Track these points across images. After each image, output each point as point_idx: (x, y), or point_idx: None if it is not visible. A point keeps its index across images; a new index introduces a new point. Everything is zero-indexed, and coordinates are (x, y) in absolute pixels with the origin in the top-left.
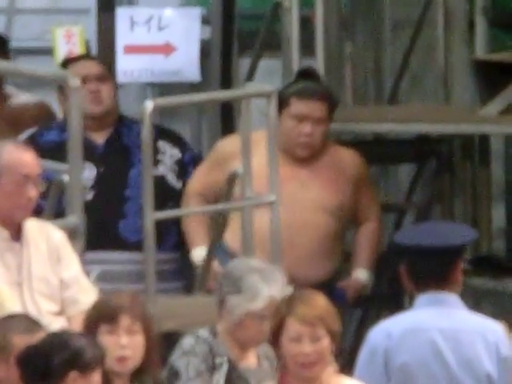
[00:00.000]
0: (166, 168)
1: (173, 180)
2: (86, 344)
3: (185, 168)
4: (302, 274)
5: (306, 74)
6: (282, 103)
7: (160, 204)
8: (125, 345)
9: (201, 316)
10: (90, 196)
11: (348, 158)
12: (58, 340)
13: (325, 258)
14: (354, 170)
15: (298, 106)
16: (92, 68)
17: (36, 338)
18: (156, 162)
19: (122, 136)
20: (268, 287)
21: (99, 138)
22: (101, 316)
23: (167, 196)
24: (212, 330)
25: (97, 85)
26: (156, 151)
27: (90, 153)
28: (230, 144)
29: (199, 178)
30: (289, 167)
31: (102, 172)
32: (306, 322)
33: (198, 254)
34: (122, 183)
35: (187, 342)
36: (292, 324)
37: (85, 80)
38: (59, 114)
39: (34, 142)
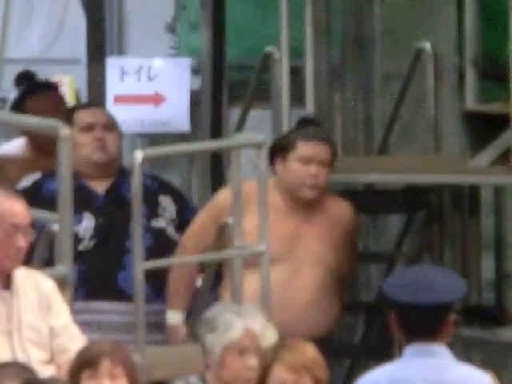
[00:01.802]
0: (166, 221)
1: (172, 232)
2: None
3: (185, 224)
4: (302, 329)
5: (309, 121)
6: (288, 147)
7: (159, 256)
8: None
9: (191, 365)
10: (90, 246)
11: (344, 211)
12: None
13: (323, 313)
14: (349, 224)
15: (304, 149)
16: (99, 116)
17: None
18: (156, 215)
19: (122, 187)
20: (242, 319)
21: (99, 188)
22: (83, 362)
23: (167, 248)
24: (202, 378)
25: (102, 133)
26: (157, 204)
27: (90, 203)
28: (228, 197)
29: (195, 232)
30: (288, 220)
31: (102, 223)
32: (292, 369)
33: (172, 317)
34: (122, 235)
35: None
36: (277, 371)
37: (91, 127)
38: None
39: (37, 190)
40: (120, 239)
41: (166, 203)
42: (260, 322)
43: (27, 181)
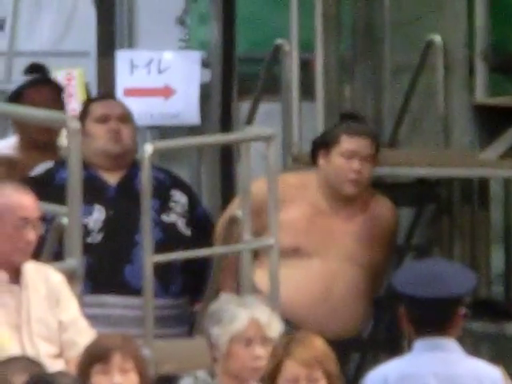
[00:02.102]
0: (177, 215)
1: (182, 227)
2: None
3: (196, 221)
4: (333, 327)
5: (351, 116)
6: (332, 141)
7: (169, 250)
8: (118, 383)
9: (199, 359)
10: (98, 238)
11: (387, 211)
12: (44, 380)
13: (354, 313)
14: (390, 225)
15: (348, 144)
16: (115, 108)
17: None
18: (168, 209)
19: (135, 179)
20: (247, 310)
21: (111, 179)
22: (93, 357)
23: (177, 243)
24: (210, 372)
25: (118, 124)
26: (169, 198)
27: (102, 194)
28: (258, 190)
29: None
30: (327, 218)
31: (112, 215)
32: (303, 364)
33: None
34: (131, 228)
35: (186, 382)
36: (289, 365)
37: (106, 119)
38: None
39: (49, 178)
40: (129, 232)
41: (178, 197)
42: (265, 313)
43: (40, 168)
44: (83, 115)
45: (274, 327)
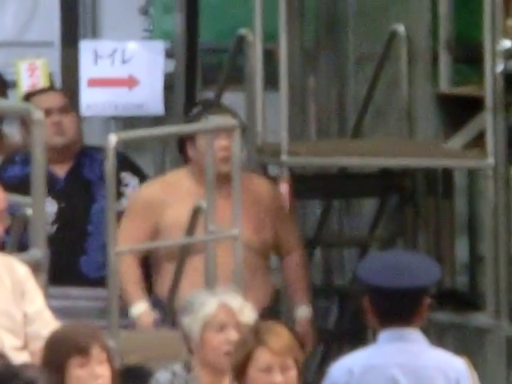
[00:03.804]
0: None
1: None
2: (38, 376)
3: None
4: None
5: (207, 102)
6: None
7: None
8: (99, 375)
9: (164, 349)
10: (52, 230)
11: (265, 189)
12: (9, 372)
13: (257, 293)
14: (271, 202)
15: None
16: (55, 100)
17: None
18: (118, 195)
19: (84, 168)
20: (216, 296)
21: (60, 171)
22: (71, 348)
23: None
24: (186, 365)
25: (59, 116)
26: (119, 182)
27: (51, 187)
28: (147, 192)
29: (127, 235)
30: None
31: (63, 207)
32: (277, 353)
33: (138, 308)
34: (83, 219)
35: (164, 377)
36: (262, 354)
37: (48, 112)
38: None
39: None
40: (81, 223)
41: (128, 180)
42: (237, 299)
43: None
44: None
45: (247, 313)
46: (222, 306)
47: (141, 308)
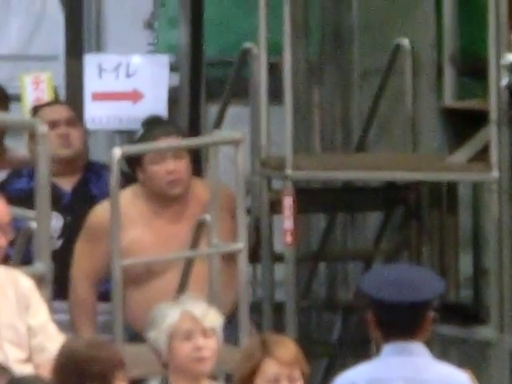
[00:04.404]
0: None
1: None
2: None
3: None
4: None
5: (154, 121)
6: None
7: None
8: None
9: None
10: (57, 245)
11: (203, 191)
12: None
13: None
14: (226, 203)
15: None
16: (61, 113)
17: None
18: None
19: (90, 183)
20: (178, 305)
21: (66, 185)
22: (94, 376)
23: None
24: (163, 381)
25: (66, 129)
26: None
27: (57, 201)
28: (101, 215)
29: (82, 261)
30: (159, 224)
31: (69, 222)
32: (285, 364)
33: None
34: None
35: None
36: (270, 366)
37: (54, 125)
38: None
39: (2, 191)
40: None
41: None
42: (199, 306)
43: None
44: None
45: (211, 318)
46: (184, 314)
47: None
